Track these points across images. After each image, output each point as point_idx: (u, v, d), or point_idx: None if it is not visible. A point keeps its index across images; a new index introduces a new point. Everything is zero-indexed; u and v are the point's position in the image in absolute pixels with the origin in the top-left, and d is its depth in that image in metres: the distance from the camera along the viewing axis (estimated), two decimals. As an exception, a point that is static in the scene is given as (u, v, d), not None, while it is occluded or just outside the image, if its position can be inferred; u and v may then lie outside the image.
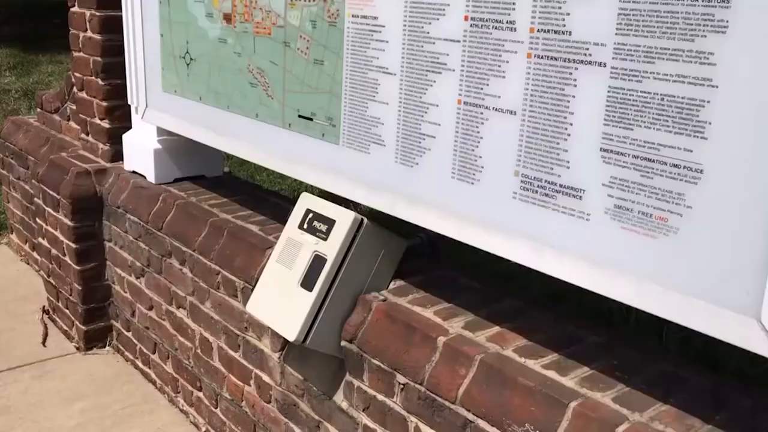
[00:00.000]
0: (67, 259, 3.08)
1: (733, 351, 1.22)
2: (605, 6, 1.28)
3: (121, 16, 2.76)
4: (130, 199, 2.84)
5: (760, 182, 1.12)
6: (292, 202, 2.19)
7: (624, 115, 1.29)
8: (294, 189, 4.35)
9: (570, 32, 1.35)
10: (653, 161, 1.26)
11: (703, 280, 1.21)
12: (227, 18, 2.26)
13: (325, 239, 1.94)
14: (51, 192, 3.11)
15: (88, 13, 2.97)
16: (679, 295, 1.24)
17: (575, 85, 1.36)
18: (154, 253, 2.69)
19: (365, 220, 1.92)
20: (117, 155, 3.06)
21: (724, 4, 1.12)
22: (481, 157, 1.58)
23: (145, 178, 2.88)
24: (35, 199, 3.36)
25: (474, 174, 1.60)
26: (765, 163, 1.11)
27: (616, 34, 1.27)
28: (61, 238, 3.08)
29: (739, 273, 1.16)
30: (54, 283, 3.30)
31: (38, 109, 3.91)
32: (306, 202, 2.06)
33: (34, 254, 3.80)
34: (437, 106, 1.66)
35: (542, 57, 1.41)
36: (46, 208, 3.19)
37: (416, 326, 1.76)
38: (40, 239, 3.40)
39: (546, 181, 1.45)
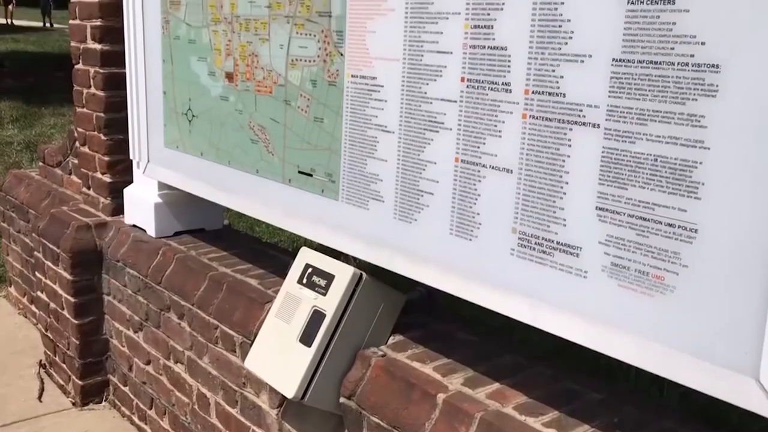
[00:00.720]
0: (65, 312, 3.08)
1: (735, 406, 1.22)
2: (597, 70, 1.32)
3: (124, 74, 2.82)
4: (129, 252, 2.85)
5: (756, 242, 1.14)
6: (291, 254, 2.20)
7: (618, 174, 1.31)
8: (293, 240, 4.36)
9: (564, 94, 1.38)
10: (648, 220, 1.28)
11: (700, 339, 1.22)
12: (229, 76, 2.31)
13: (324, 294, 1.94)
14: (51, 246, 3.12)
15: (92, 70, 3.03)
16: (677, 353, 1.25)
17: (570, 145, 1.39)
18: (153, 307, 2.69)
19: (364, 275, 1.93)
20: (118, 209, 3.08)
21: (713, 69, 1.16)
22: (478, 213, 1.60)
23: (145, 231, 2.90)
24: (35, 252, 3.37)
25: (472, 230, 1.62)
26: (760, 222, 1.13)
27: (608, 96, 1.31)
28: (60, 291, 3.08)
29: (737, 332, 1.17)
30: (51, 337, 3.28)
31: (40, 163, 3.95)
32: (305, 256, 2.07)
33: (33, 307, 3.79)
34: (435, 163, 1.69)
35: (537, 117, 1.44)
36: (46, 262, 3.20)
37: (415, 383, 1.75)
38: (38, 292, 3.39)
39: (543, 238, 1.46)
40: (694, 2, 1.17)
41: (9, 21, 28.73)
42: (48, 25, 29.24)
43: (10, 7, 29.29)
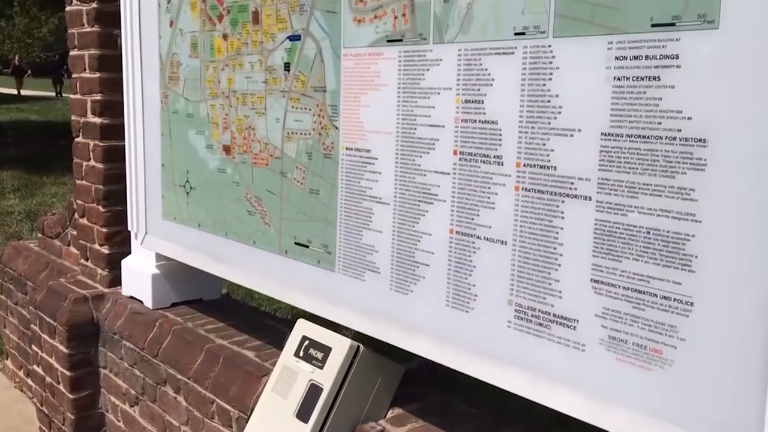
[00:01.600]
0: (61, 387, 3.03)
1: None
2: (587, 143, 1.33)
3: (123, 147, 2.86)
4: (126, 325, 2.83)
5: (753, 315, 1.13)
6: (289, 324, 2.18)
7: (612, 247, 1.31)
8: (292, 308, 4.33)
9: (555, 167, 1.40)
10: (644, 293, 1.27)
11: (700, 414, 1.20)
12: (227, 149, 2.34)
13: (321, 367, 1.92)
14: (48, 318, 3.10)
15: (92, 143, 3.07)
16: (677, 428, 1.22)
17: (563, 218, 1.39)
18: (149, 380, 2.66)
19: (361, 347, 1.91)
20: (115, 280, 3.07)
21: (701, 144, 1.17)
22: (474, 285, 1.59)
23: (142, 303, 2.88)
24: (32, 325, 3.34)
25: (468, 302, 1.61)
26: (756, 295, 1.12)
27: (599, 169, 1.32)
28: (56, 365, 3.05)
29: (737, 407, 1.15)
30: (47, 412, 3.23)
31: (39, 234, 3.96)
32: (302, 328, 2.06)
33: (29, 381, 3.73)
34: (430, 235, 1.69)
35: (529, 190, 1.45)
36: (42, 335, 3.17)
37: (415, 459, 1.71)
38: (34, 366, 3.35)
39: (540, 310, 1.45)
40: (679, 78, 1.19)
41: (18, 91, 29.39)
42: (60, 94, 29.81)
43: (23, 77, 30.07)
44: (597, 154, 1.32)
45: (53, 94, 29.97)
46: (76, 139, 3.18)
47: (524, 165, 1.46)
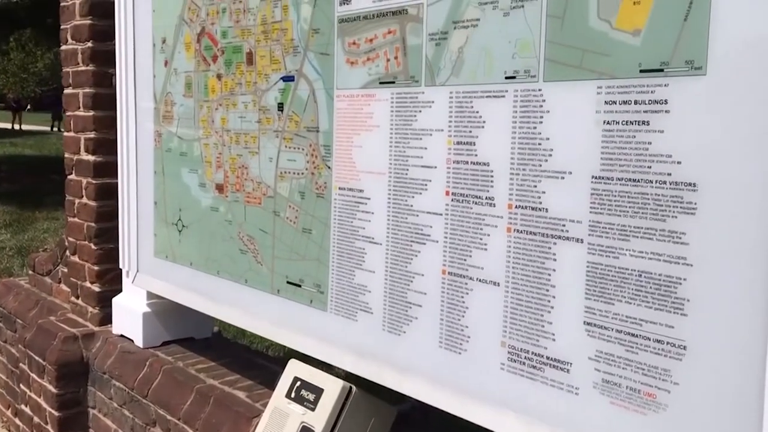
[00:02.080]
0: (49, 427, 2.98)
1: None
2: (578, 186, 1.34)
3: (116, 184, 2.86)
4: (116, 364, 2.79)
5: (746, 360, 1.12)
6: (281, 362, 2.16)
7: (604, 289, 1.31)
8: (284, 346, 4.29)
9: (546, 209, 1.40)
10: (637, 336, 1.26)
11: (697, 460, 1.18)
12: (219, 188, 2.34)
13: (312, 409, 1.90)
14: (37, 357, 3.06)
15: (84, 181, 3.07)
16: (675, 474, 1.21)
17: (555, 259, 1.39)
18: (138, 421, 2.62)
19: (354, 388, 1.90)
20: (106, 318, 3.05)
21: (691, 188, 1.18)
22: (467, 326, 1.59)
23: (133, 342, 2.85)
24: (20, 364, 3.30)
25: (461, 344, 1.60)
26: (749, 339, 1.12)
27: (590, 212, 1.32)
28: (44, 405, 3.00)
29: (733, 453, 1.14)
30: (33, 453, 3.17)
31: (30, 271, 3.93)
32: (294, 368, 2.04)
33: (17, 420, 3.67)
34: (422, 275, 1.69)
35: (522, 231, 1.45)
36: (31, 374, 3.13)
37: (408, 504, 1.69)
38: (22, 406, 3.30)
39: (533, 353, 1.45)
40: (669, 123, 1.21)
41: (17, 126, 29.45)
42: (58, 129, 29.88)
43: (20, 111, 30.17)
44: (588, 197, 1.32)
45: (50, 129, 30.07)
46: (69, 177, 3.18)
47: (516, 206, 1.46)
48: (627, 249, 1.27)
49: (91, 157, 3.02)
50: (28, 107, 30.52)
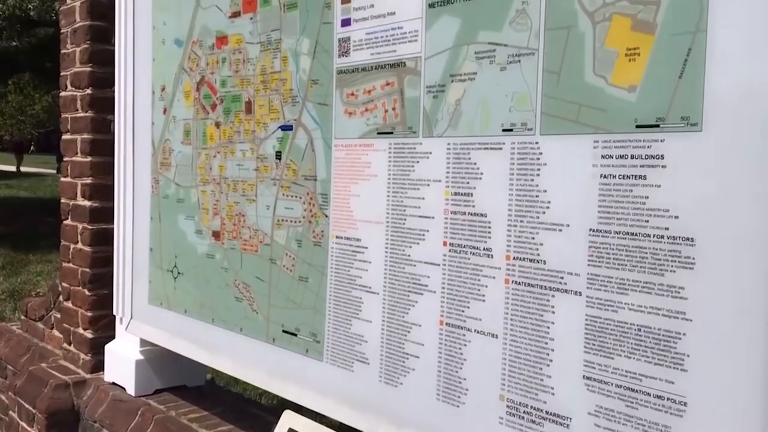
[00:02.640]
0: (36, 478, 2.92)
1: None
2: (576, 239, 1.34)
3: (111, 230, 2.85)
4: (107, 413, 2.75)
5: (748, 416, 1.11)
6: (275, 412, 2.12)
7: (603, 343, 1.30)
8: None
9: (544, 261, 1.40)
10: (636, 391, 1.25)
11: None
12: (216, 235, 2.34)
13: (307, 462, 1.86)
14: (27, 405, 3.01)
15: (80, 226, 3.06)
16: None
17: (553, 312, 1.39)
18: (129, 472, 2.56)
19: (349, 441, 1.86)
20: (98, 365, 3.01)
21: (689, 242, 1.18)
22: (465, 379, 1.57)
23: (125, 390, 2.81)
24: (10, 411, 3.24)
25: (459, 396, 1.58)
26: (749, 396, 1.11)
27: (588, 264, 1.32)
28: (32, 454, 2.95)
29: None
30: (19, 504, 3.10)
31: (23, 317, 3.89)
32: (288, 419, 2.01)
33: (2, 470, 3.59)
34: (420, 326, 1.68)
35: (520, 283, 1.45)
36: (21, 422, 3.07)
37: None
38: (9, 455, 3.24)
39: (532, 407, 1.43)
40: (665, 178, 1.21)
41: (17, 168, 29.52)
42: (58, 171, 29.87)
43: (23, 154, 30.32)
44: (586, 250, 1.33)
45: (54, 171, 30.09)
46: (65, 222, 3.18)
47: (514, 258, 1.46)
48: (626, 303, 1.27)
49: (87, 203, 3.02)
50: (32, 149, 30.62)
